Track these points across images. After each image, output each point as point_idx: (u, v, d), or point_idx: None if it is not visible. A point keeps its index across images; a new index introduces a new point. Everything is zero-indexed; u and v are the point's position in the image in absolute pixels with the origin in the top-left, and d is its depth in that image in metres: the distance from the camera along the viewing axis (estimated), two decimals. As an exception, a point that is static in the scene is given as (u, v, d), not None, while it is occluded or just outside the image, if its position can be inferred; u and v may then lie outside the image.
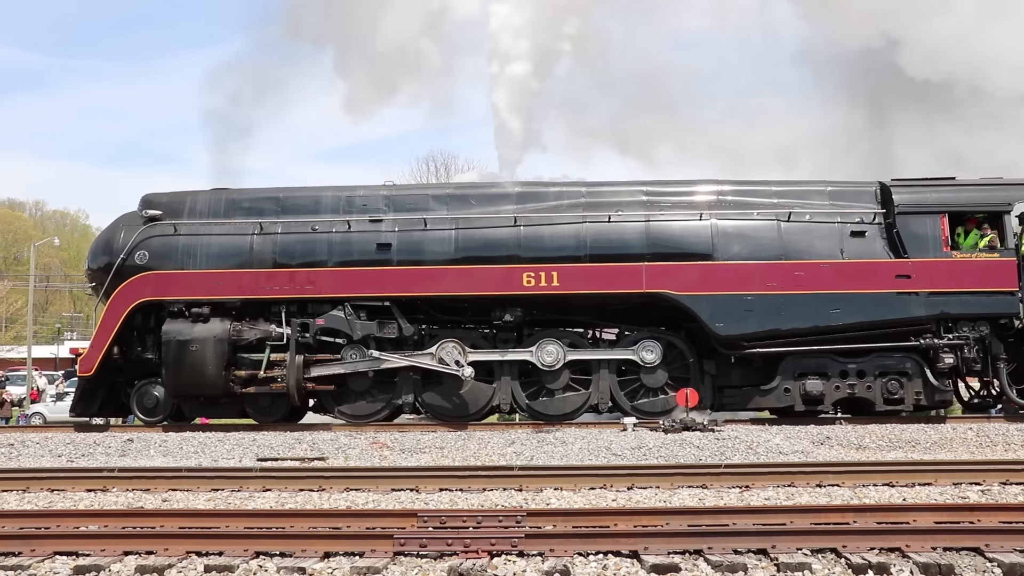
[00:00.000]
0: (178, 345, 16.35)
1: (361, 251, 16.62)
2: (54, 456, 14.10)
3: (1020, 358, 16.22)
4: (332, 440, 14.73)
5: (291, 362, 16.45)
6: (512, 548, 6.53)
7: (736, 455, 12.89)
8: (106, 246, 17.48)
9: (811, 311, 15.81)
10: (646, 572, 6.16)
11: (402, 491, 10.07)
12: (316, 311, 16.70)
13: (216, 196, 17.60)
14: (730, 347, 16.26)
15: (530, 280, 16.12)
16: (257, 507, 9.18)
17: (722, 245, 16.12)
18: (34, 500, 10.07)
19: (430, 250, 16.51)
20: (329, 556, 6.60)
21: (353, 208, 17.01)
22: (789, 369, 16.13)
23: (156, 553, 6.73)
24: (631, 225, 16.37)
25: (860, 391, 16.00)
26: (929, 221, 16.04)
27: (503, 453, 13.56)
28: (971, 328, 15.84)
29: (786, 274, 15.90)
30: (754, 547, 6.52)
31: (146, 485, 10.61)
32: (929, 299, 15.79)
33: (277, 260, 16.70)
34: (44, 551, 6.84)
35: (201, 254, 16.84)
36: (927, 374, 15.87)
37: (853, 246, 16.10)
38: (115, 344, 16.87)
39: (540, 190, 17.39)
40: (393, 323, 16.53)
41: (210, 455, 13.91)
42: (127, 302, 16.70)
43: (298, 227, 16.85)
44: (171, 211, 17.35)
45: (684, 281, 15.98)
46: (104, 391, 17.37)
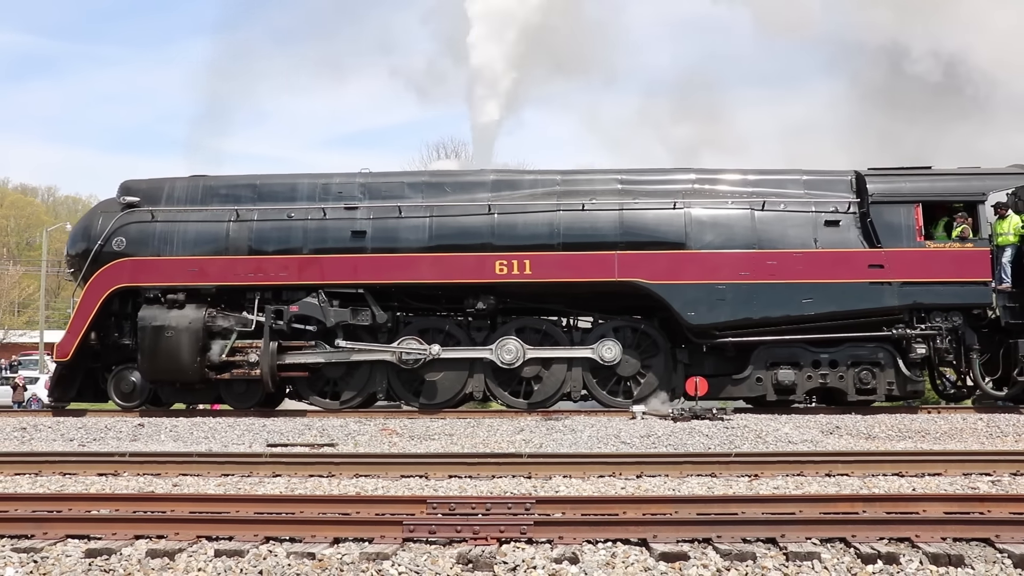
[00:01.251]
0: (153, 331, 16.17)
1: (336, 238, 16.42)
2: (66, 440, 13.97)
3: (994, 348, 15.93)
4: (342, 426, 14.52)
5: (265, 349, 16.24)
6: (521, 535, 6.42)
7: (745, 444, 12.66)
8: (84, 232, 17.33)
9: (783, 300, 15.55)
10: (655, 560, 6.03)
11: (411, 478, 9.91)
12: (290, 298, 16.51)
13: (194, 183, 17.40)
14: (702, 336, 16.02)
15: (503, 268, 15.90)
16: (267, 492, 9.05)
17: (695, 234, 15.85)
18: (46, 484, 9.96)
19: (404, 238, 16.29)
20: (339, 542, 6.50)
21: (329, 195, 16.81)
22: (761, 358, 15.88)
23: (167, 537, 6.64)
24: (605, 213, 16.11)
25: (832, 381, 15.73)
26: (903, 211, 15.75)
27: (512, 440, 13.32)
28: (944, 318, 15.56)
29: (758, 263, 15.64)
30: (763, 536, 6.40)
31: (157, 470, 10.51)
32: (902, 289, 15.49)
33: (252, 247, 16.51)
34: (56, 534, 6.76)
35: (178, 241, 16.70)
36: (899, 364, 15.60)
37: (827, 235, 15.81)
38: (92, 330, 16.68)
39: (515, 178, 17.23)
40: (367, 310, 16.33)
41: (220, 440, 13.74)
42: (103, 288, 16.57)
43: (274, 214, 16.64)
44: (149, 198, 17.18)
45: (656, 270, 15.73)
46: (81, 376, 17.23)
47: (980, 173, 16.28)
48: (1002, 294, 15.61)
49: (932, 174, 16.32)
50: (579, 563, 6.01)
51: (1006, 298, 15.61)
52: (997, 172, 16.35)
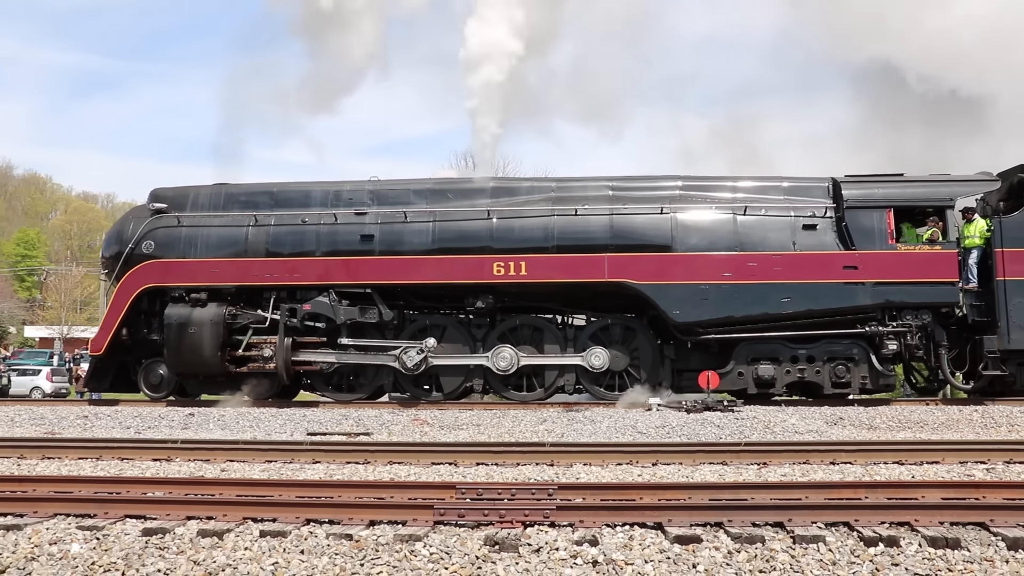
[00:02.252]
0: (178, 328, 16.62)
1: (346, 242, 16.72)
2: (123, 428, 14.30)
3: (962, 344, 15.99)
4: (376, 416, 14.71)
5: (280, 344, 16.64)
6: (544, 519, 6.49)
7: (754, 434, 12.76)
8: (117, 236, 17.80)
9: (763, 299, 15.70)
10: (670, 543, 6.11)
11: (441, 465, 10.01)
12: (304, 297, 16.86)
13: (216, 191, 17.82)
14: (687, 333, 16.18)
15: (500, 269, 16.12)
16: (308, 478, 9.16)
17: (681, 237, 16.02)
18: (106, 467, 10.22)
19: (409, 241, 16.58)
20: (374, 524, 6.62)
21: (340, 202, 17.13)
22: (743, 354, 16.01)
23: (216, 518, 6.79)
24: (596, 218, 16.30)
25: (809, 375, 15.87)
26: (876, 215, 15.80)
27: (535, 430, 13.46)
28: (914, 316, 15.65)
29: (740, 265, 15.79)
30: (771, 520, 6.44)
31: (206, 456, 10.72)
32: (874, 289, 15.60)
33: (270, 250, 16.87)
34: (116, 514, 6.93)
35: (201, 244, 17.09)
36: (872, 359, 15.70)
37: (805, 238, 15.93)
38: (123, 326, 17.18)
39: (513, 185, 17.50)
40: (374, 309, 16.64)
41: (264, 429, 13.98)
42: (133, 288, 17.05)
43: (289, 219, 17.00)
44: (176, 204, 17.62)
45: (643, 271, 15.92)
46: (114, 369, 17.71)
47: (948, 180, 16.39)
48: (969, 293, 15.73)
49: (903, 181, 16.44)
50: (599, 545, 6.10)
51: (972, 297, 15.73)
52: (964, 179, 16.43)
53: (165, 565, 6.04)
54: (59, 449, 11.18)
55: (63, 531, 6.60)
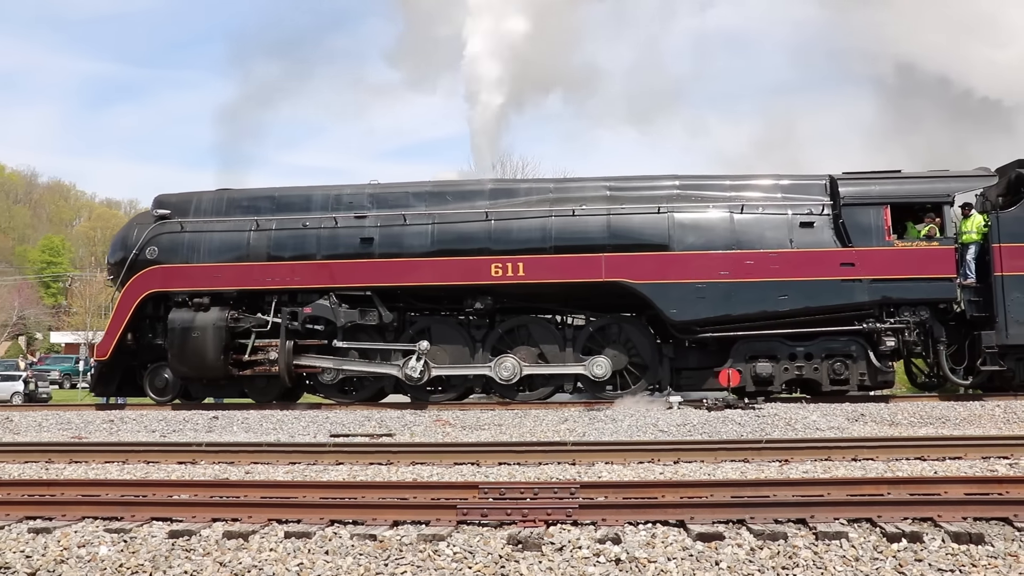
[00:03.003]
0: (182, 332, 16.59)
1: (346, 245, 16.64)
2: (149, 431, 14.34)
3: (961, 340, 15.76)
4: (399, 418, 14.65)
5: (282, 347, 16.56)
6: (567, 517, 6.45)
7: (775, 431, 12.66)
8: (122, 242, 17.78)
9: (760, 297, 15.50)
10: (692, 540, 6.04)
11: (464, 465, 9.95)
12: (305, 300, 16.75)
13: (219, 196, 17.77)
14: (684, 332, 15.99)
15: (498, 270, 15.99)
16: (331, 479, 9.13)
17: (678, 236, 15.82)
18: (132, 471, 10.19)
19: (408, 243, 16.45)
20: (398, 524, 6.58)
21: (340, 205, 17.04)
22: (741, 352, 15.79)
23: (241, 520, 6.77)
24: (593, 218, 16.12)
25: (807, 372, 15.65)
26: (873, 212, 15.58)
27: (557, 430, 13.40)
28: (912, 313, 15.42)
29: (736, 263, 15.59)
30: (794, 517, 6.37)
31: (231, 458, 10.68)
32: (872, 285, 15.36)
33: (271, 254, 16.80)
34: (143, 516, 6.92)
35: (204, 249, 17.06)
36: (870, 356, 15.47)
37: (802, 236, 15.70)
38: (128, 331, 17.17)
39: (511, 187, 17.37)
40: (374, 311, 16.52)
41: (287, 431, 13.97)
42: (137, 293, 17.02)
43: (290, 224, 16.90)
44: (179, 210, 17.60)
45: (640, 270, 15.74)
46: (120, 373, 17.69)
47: (945, 176, 16.10)
48: (967, 289, 15.50)
49: (900, 177, 16.19)
50: (621, 543, 6.05)
51: (971, 293, 15.49)
52: (961, 175, 16.14)
53: (192, 567, 6.01)
54: (86, 453, 11.17)
55: (91, 534, 6.60)
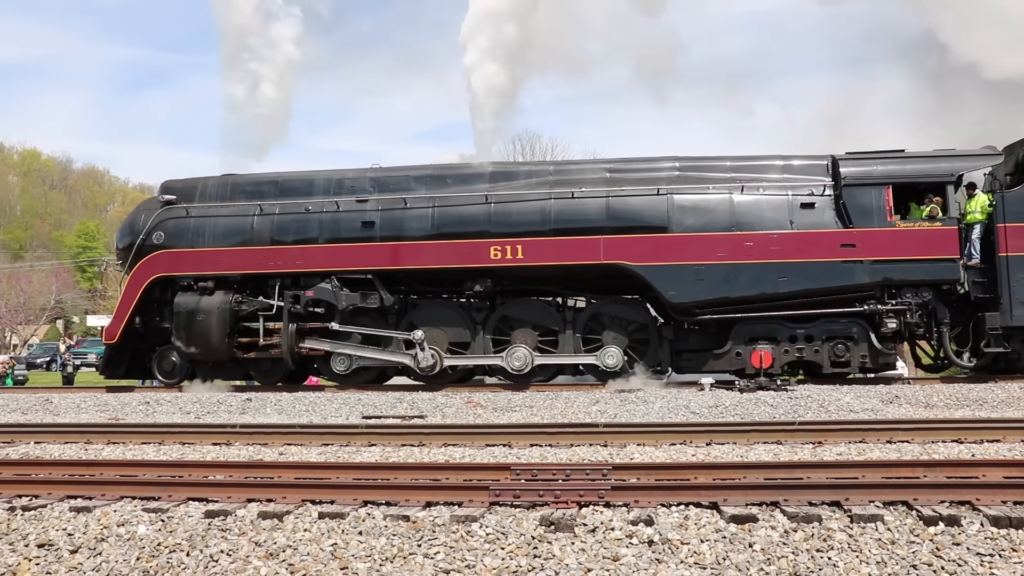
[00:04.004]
0: (187, 315, 16.59)
1: (348, 229, 16.50)
2: (184, 413, 14.22)
3: (965, 322, 15.35)
4: (430, 399, 14.49)
5: (285, 330, 16.46)
6: (599, 499, 6.38)
7: (808, 413, 12.32)
8: (130, 227, 17.78)
9: (759, 279, 15.16)
10: (725, 522, 5.96)
11: (495, 446, 9.85)
12: (307, 284, 16.65)
13: (223, 181, 17.70)
14: (683, 314, 15.67)
15: (497, 253, 15.80)
16: (364, 460, 9.08)
17: (677, 218, 15.52)
18: (169, 452, 10.18)
19: (409, 227, 16.27)
20: (430, 505, 6.55)
21: (343, 190, 16.91)
22: (741, 334, 15.52)
23: (275, 501, 6.75)
24: (593, 200, 15.85)
25: (808, 355, 15.32)
26: (874, 192, 15.18)
27: (588, 411, 13.17)
28: (914, 294, 15.04)
29: (736, 244, 15.26)
30: (828, 499, 6.25)
31: (264, 440, 10.62)
32: (873, 267, 14.97)
33: (274, 238, 16.71)
34: (179, 497, 6.94)
35: (209, 234, 17.00)
36: (872, 338, 15.13)
37: (803, 217, 15.31)
38: (135, 315, 17.17)
39: (512, 169, 17.13)
40: (375, 294, 16.40)
41: (320, 413, 13.81)
42: (144, 277, 17.02)
43: (293, 208, 16.79)
44: (184, 195, 17.56)
45: (639, 252, 15.48)
46: (129, 356, 17.69)
47: (949, 155, 15.61)
48: (971, 270, 15.05)
49: (903, 157, 15.70)
50: (654, 525, 5.98)
51: (975, 274, 15.04)
52: (965, 154, 15.66)
53: (228, 546, 6.05)
54: (123, 434, 11.17)
55: (130, 513, 6.66)
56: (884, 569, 5.36)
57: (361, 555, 5.83)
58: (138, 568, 5.93)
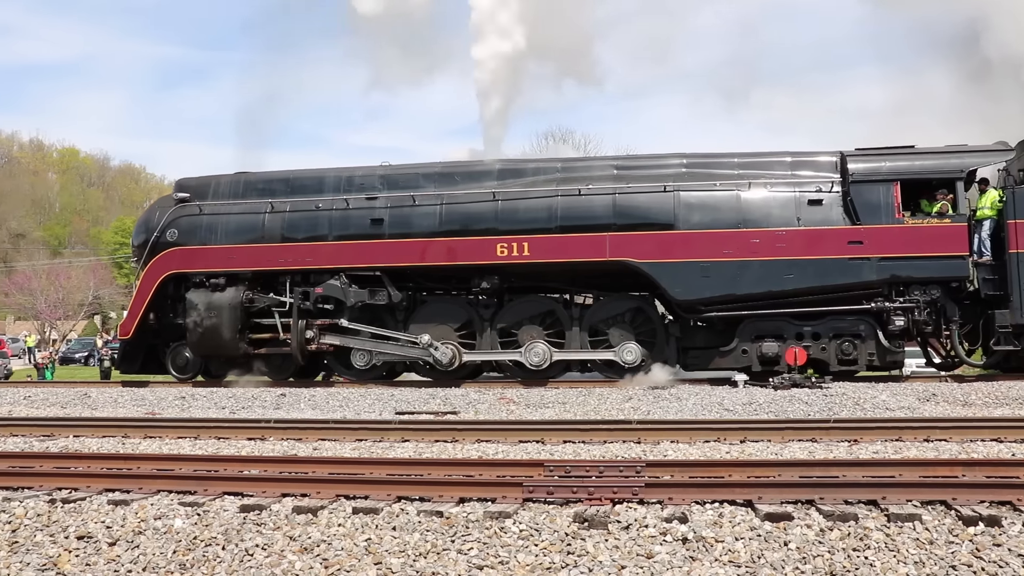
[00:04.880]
0: (199, 312, 16.63)
1: (357, 226, 16.45)
2: (219, 408, 14.26)
3: (975, 319, 14.97)
4: (463, 395, 14.36)
5: (295, 326, 16.45)
6: (633, 496, 6.26)
7: (844, 411, 12.08)
8: (145, 225, 17.88)
9: (766, 276, 14.94)
10: (760, 520, 5.82)
11: (528, 443, 9.68)
12: (317, 280, 16.61)
13: (236, 179, 17.73)
14: (689, 311, 15.52)
15: (503, 250, 15.72)
16: (397, 456, 8.97)
17: (683, 215, 15.32)
18: (204, 446, 10.11)
19: (417, 224, 16.19)
20: (464, 501, 6.45)
21: (352, 187, 16.85)
22: (747, 332, 15.27)
23: (310, 496, 6.69)
24: (599, 197, 15.67)
25: (815, 352, 15.04)
26: (882, 189, 14.87)
27: (621, 408, 13.00)
28: (922, 291, 14.72)
29: (742, 242, 15.04)
30: (864, 498, 6.06)
31: (299, 435, 10.51)
32: (880, 264, 14.67)
33: (285, 235, 16.69)
34: (215, 491, 6.89)
35: (221, 231, 17.04)
36: (879, 336, 14.83)
37: (810, 214, 15.05)
38: (150, 311, 17.27)
39: (519, 167, 16.95)
40: (384, 291, 16.34)
41: (353, 408, 13.76)
42: (158, 274, 17.10)
43: (304, 205, 16.75)
44: (198, 193, 17.59)
45: (645, 249, 15.30)
46: (144, 352, 17.86)
47: (958, 151, 15.23)
48: (982, 267, 14.69)
49: (912, 153, 15.38)
50: (688, 522, 5.86)
51: (986, 271, 14.69)
52: (975, 149, 15.27)
53: (263, 540, 6.00)
54: (160, 429, 11.15)
55: (166, 507, 6.64)
56: (922, 569, 5.21)
57: (395, 550, 5.81)
58: (175, 561, 5.94)
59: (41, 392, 16.67)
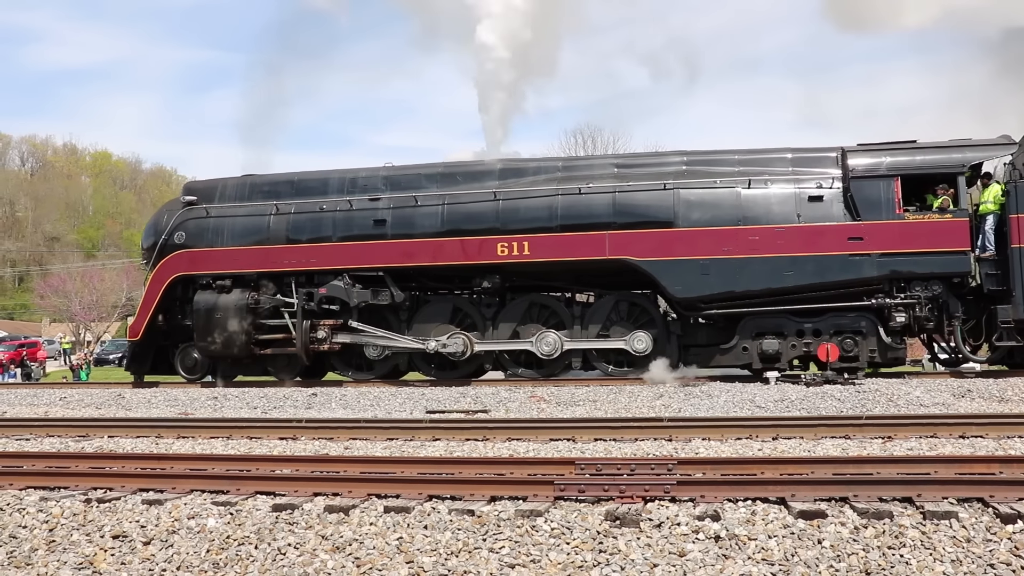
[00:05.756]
0: (206, 313, 16.69)
1: (360, 227, 16.42)
2: (251, 408, 14.15)
3: (979, 315, 14.70)
4: (493, 394, 14.16)
5: (300, 327, 16.47)
6: (665, 494, 6.15)
7: (877, 407, 11.80)
8: (154, 228, 17.91)
9: (765, 273, 14.75)
10: (794, 518, 5.69)
11: (559, 441, 9.56)
12: (322, 281, 16.60)
13: (242, 181, 17.75)
14: (689, 309, 15.35)
15: (504, 249, 15.65)
16: (428, 455, 8.87)
17: (683, 213, 15.15)
18: (236, 446, 10.07)
19: (420, 224, 16.14)
20: (495, 500, 6.37)
21: (356, 189, 16.83)
22: (748, 329, 15.04)
23: (341, 495, 6.63)
24: (599, 196, 15.54)
25: (815, 349, 14.83)
26: (883, 184, 14.62)
27: (652, 406, 12.78)
28: (923, 287, 14.44)
29: (741, 239, 14.84)
30: (899, 495, 5.89)
31: (330, 434, 10.45)
32: (880, 260, 14.41)
33: (290, 237, 16.69)
34: (247, 490, 6.85)
35: (227, 233, 17.10)
36: (880, 332, 14.56)
37: (811, 210, 14.83)
38: (158, 313, 17.33)
39: (521, 166, 16.84)
40: (387, 291, 16.33)
41: (384, 408, 13.63)
42: (166, 276, 17.19)
43: (308, 207, 16.75)
44: (205, 196, 17.64)
45: (644, 247, 15.15)
46: (153, 353, 17.92)
47: (959, 145, 14.90)
48: (985, 262, 14.37)
49: (913, 148, 15.06)
50: (720, 520, 5.74)
51: (989, 266, 14.36)
52: (976, 144, 14.94)
53: (295, 539, 5.97)
54: (193, 429, 11.11)
55: (199, 506, 6.61)
56: (959, 568, 5.06)
57: (427, 549, 5.77)
58: (208, 560, 5.95)
59: (76, 393, 16.74)
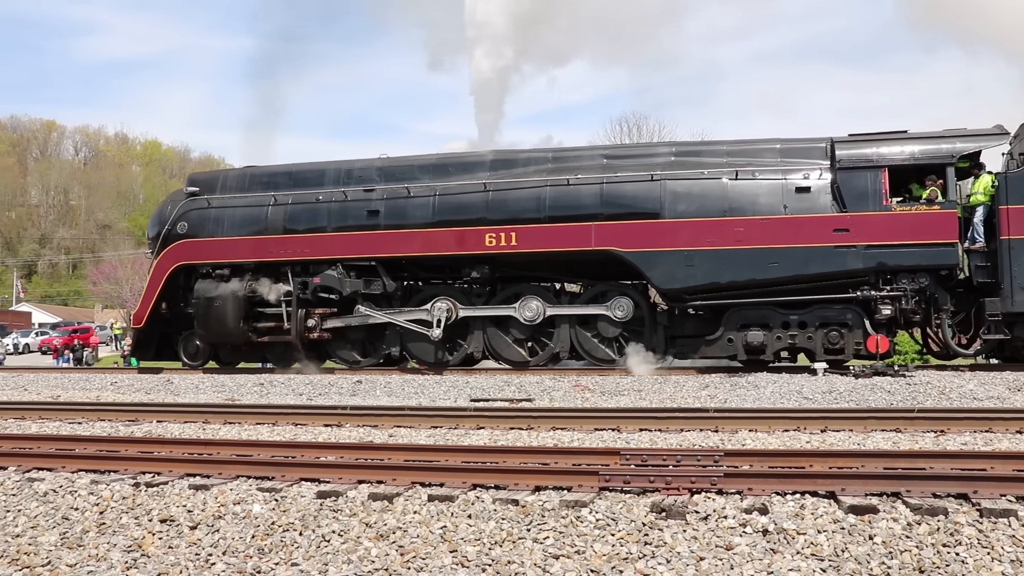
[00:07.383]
0: (206, 301, 16.83)
1: (355, 217, 16.37)
2: (296, 395, 14.03)
3: (968, 308, 14.22)
4: (537, 383, 13.86)
5: (294, 315, 16.50)
6: (711, 486, 5.94)
7: (928, 400, 11.36)
8: (158, 218, 18.06)
9: (749, 265, 14.37)
10: (844, 512, 5.43)
11: (604, 431, 9.31)
12: (317, 271, 16.60)
13: (243, 173, 17.87)
14: (675, 300, 15.03)
15: (492, 240, 15.51)
16: (473, 443, 8.67)
17: (670, 204, 14.82)
18: (282, 432, 9.93)
19: (412, 215, 16.03)
20: (539, 490, 6.18)
21: (351, 180, 16.79)
22: (733, 320, 14.67)
23: (385, 483, 6.49)
24: (587, 187, 15.26)
25: (801, 341, 14.39)
26: (870, 175, 14.15)
27: (698, 396, 12.48)
28: (910, 280, 13.95)
29: (725, 230, 14.47)
30: (954, 491, 5.61)
31: (374, 422, 10.30)
32: (866, 252, 13.91)
33: (287, 227, 16.72)
34: (292, 477, 6.73)
35: (227, 223, 17.18)
36: (866, 325, 14.10)
37: (798, 202, 14.39)
38: (161, 301, 17.47)
39: (511, 157, 16.59)
40: (379, 280, 16.29)
41: (428, 396, 13.39)
42: (168, 265, 17.36)
43: (305, 198, 16.74)
44: (207, 187, 17.74)
45: (629, 238, 14.87)
46: (156, 340, 18.15)
47: (948, 136, 14.33)
48: (974, 254, 13.86)
49: (902, 138, 14.53)
50: (768, 514, 5.50)
51: (978, 258, 13.87)
52: (965, 134, 14.36)
53: (339, 526, 5.85)
54: (239, 415, 11.00)
55: (245, 492, 6.51)
56: (1019, 568, 4.70)
57: (470, 538, 5.64)
58: (253, 545, 5.90)
59: (127, 378, 16.74)
